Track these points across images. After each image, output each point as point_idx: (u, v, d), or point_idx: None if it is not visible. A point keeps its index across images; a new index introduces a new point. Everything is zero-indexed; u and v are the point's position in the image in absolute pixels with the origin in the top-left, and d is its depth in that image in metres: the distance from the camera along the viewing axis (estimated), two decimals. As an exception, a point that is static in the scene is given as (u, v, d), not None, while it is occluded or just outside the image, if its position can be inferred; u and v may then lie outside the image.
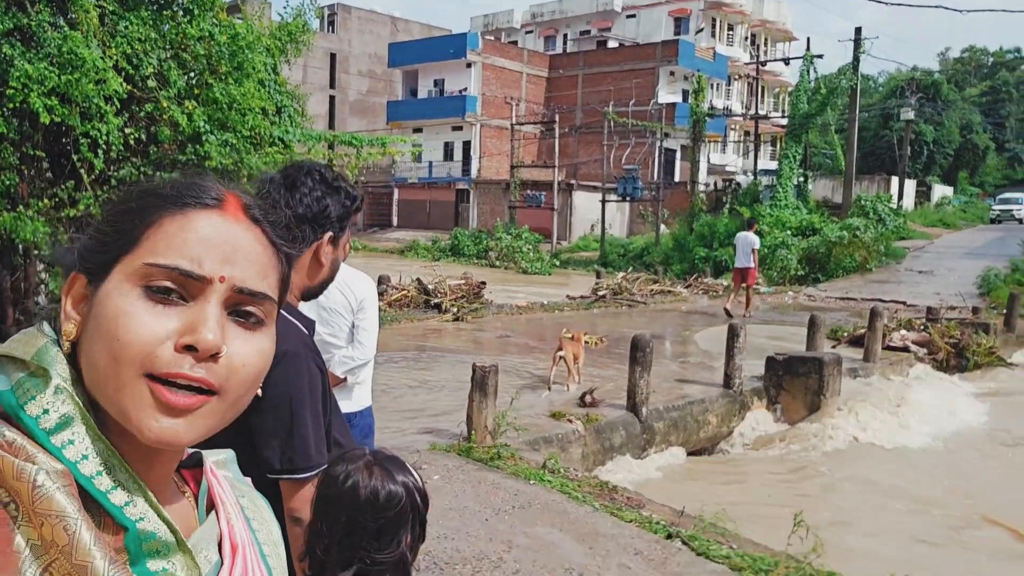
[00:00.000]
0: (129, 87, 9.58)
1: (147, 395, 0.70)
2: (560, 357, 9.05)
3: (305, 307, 1.97)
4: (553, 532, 4.66)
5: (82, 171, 9.77)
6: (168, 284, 0.72)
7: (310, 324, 1.89)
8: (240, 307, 0.76)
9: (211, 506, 0.86)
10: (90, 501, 0.69)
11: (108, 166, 9.77)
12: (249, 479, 0.96)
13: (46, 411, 0.70)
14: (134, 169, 10.19)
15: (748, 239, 15.48)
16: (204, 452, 0.89)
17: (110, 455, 0.71)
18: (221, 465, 0.92)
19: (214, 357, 0.72)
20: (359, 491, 1.45)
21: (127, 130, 9.73)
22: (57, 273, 10.10)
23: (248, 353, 0.76)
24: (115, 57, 9.17)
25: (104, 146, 9.53)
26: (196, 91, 10.33)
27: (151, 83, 9.92)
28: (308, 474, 1.68)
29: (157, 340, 0.71)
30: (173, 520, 0.74)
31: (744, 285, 15.93)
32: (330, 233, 1.89)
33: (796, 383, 9.59)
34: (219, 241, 0.75)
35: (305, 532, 1.49)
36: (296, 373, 1.70)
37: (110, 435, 0.73)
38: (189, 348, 0.71)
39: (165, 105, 9.83)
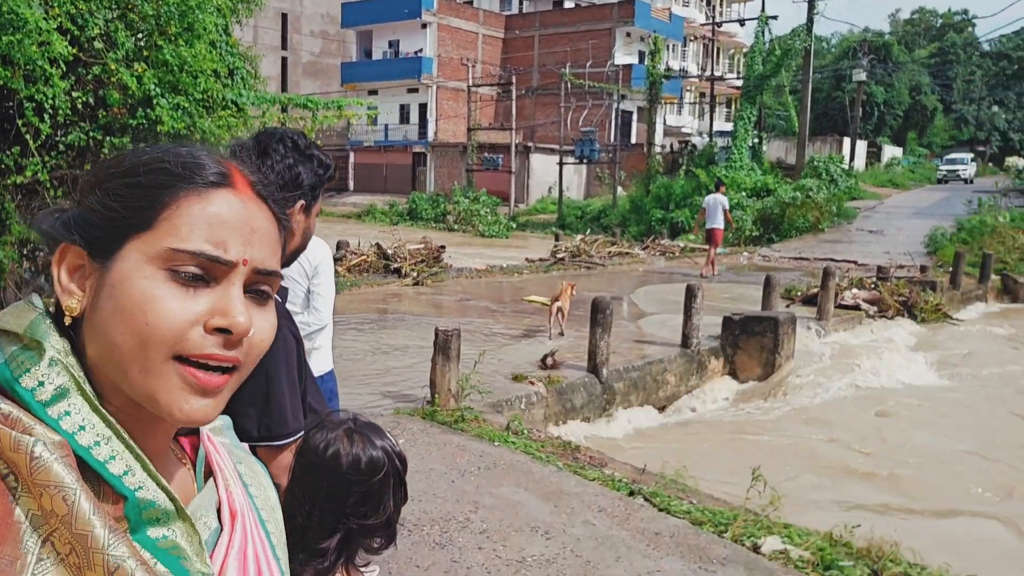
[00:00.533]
0: (74, 49, 9.29)
1: (177, 377, 0.72)
2: (558, 308, 9.62)
3: None
4: (519, 492, 4.74)
5: (27, 137, 9.48)
6: (195, 270, 0.72)
7: (283, 291, 1.90)
8: (254, 285, 0.77)
9: (209, 472, 0.86)
10: (89, 471, 0.69)
11: (55, 131, 9.51)
12: (246, 444, 0.98)
13: (41, 383, 0.70)
14: (82, 134, 9.91)
15: (718, 200, 16.04)
16: None
17: (107, 425, 0.71)
18: (218, 431, 0.92)
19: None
20: (341, 459, 1.47)
21: (74, 94, 9.46)
22: (5, 242, 9.80)
23: (263, 328, 0.78)
24: (59, 18, 8.88)
25: (50, 111, 9.26)
26: (145, 53, 10.05)
27: (98, 45, 9.63)
28: (286, 440, 1.71)
29: (187, 324, 0.71)
30: (172, 488, 0.75)
31: (713, 245, 16.62)
32: (302, 201, 1.87)
33: (752, 342, 9.80)
34: (239, 223, 0.75)
35: (281, 498, 1.52)
36: None
37: (107, 405, 0.73)
38: (220, 330, 0.73)
39: (113, 68, 9.57)
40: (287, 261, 1.98)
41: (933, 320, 13.16)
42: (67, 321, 0.74)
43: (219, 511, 0.84)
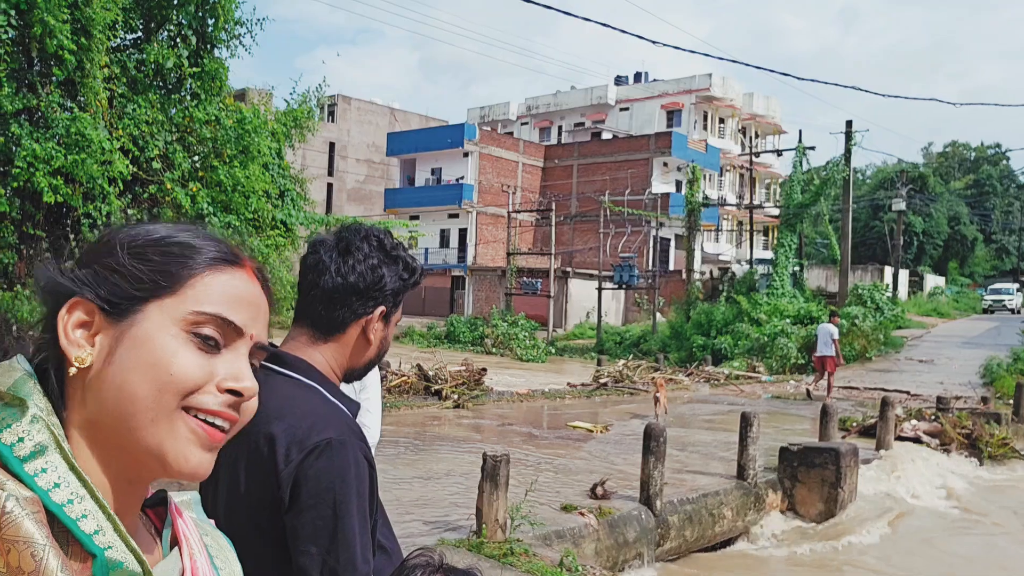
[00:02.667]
0: (134, 168, 9.53)
1: (185, 428, 0.77)
2: (657, 399, 12.82)
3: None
4: (578, 639, 4.30)
5: (77, 252, 9.59)
6: (213, 334, 0.79)
7: (354, 407, 1.65)
8: (250, 358, 0.84)
9: (174, 543, 0.88)
10: (59, 529, 0.70)
11: (109, 247, 9.65)
12: (213, 521, 0.98)
13: (21, 439, 0.72)
14: (135, 250, 10.05)
15: (828, 330, 17.22)
16: (170, 492, 0.92)
17: (83, 484, 0.73)
18: (186, 506, 0.95)
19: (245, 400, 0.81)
20: None
21: (130, 211, 9.65)
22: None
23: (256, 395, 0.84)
24: (122, 139, 9.15)
25: (103, 227, 9.41)
26: (200, 173, 10.30)
27: (156, 165, 9.88)
28: None
29: (205, 380, 0.78)
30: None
31: (827, 372, 17.34)
32: (382, 308, 1.65)
33: (812, 474, 9.26)
34: (251, 300, 0.84)
35: None
36: (343, 466, 1.44)
37: (83, 465, 0.75)
38: (231, 392, 0.79)
39: (169, 187, 9.78)
40: (359, 374, 1.75)
41: (1000, 455, 12.45)
42: (72, 372, 0.77)
43: None
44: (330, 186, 51.72)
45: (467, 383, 14.65)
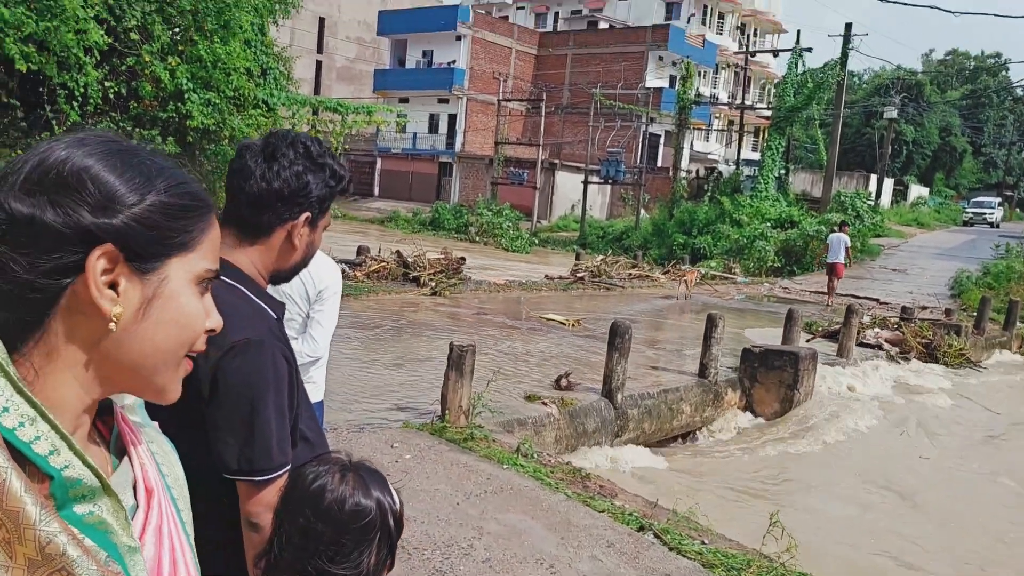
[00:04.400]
0: (110, 39, 9.34)
1: (184, 368, 0.85)
2: (684, 281, 17.41)
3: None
4: (525, 520, 4.61)
5: (54, 123, 9.52)
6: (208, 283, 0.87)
7: (279, 308, 1.73)
8: None
9: (122, 451, 0.89)
10: (14, 452, 0.70)
11: (85, 119, 9.54)
12: (156, 423, 1.00)
13: None
14: (112, 124, 9.93)
15: (843, 239, 17.93)
16: (112, 397, 0.91)
17: (32, 406, 0.73)
18: (130, 410, 0.96)
19: None
20: (324, 495, 1.37)
21: (107, 83, 9.50)
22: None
23: None
24: (96, 7, 8.91)
25: (81, 98, 9.28)
26: (180, 47, 10.09)
27: (133, 36, 9.68)
28: (268, 476, 1.51)
29: (204, 329, 0.86)
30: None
31: (835, 277, 18.23)
32: (308, 214, 1.70)
33: (771, 376, 9.62)
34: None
35: (271, 533, 1.42)
36: (260, 365, 1.54)
37: (30, 387, 0.75)
38: (208, 330, 0.87)
39: (147, 60, 9.61)
40: (286, 276, 1.82)
41: (955, 364, 12.91)
42: (112, 328, 0.77)
43: (135, 488, 0.87)
44: (319, 64, 50.41)
45: (445, 271, 14.83)
